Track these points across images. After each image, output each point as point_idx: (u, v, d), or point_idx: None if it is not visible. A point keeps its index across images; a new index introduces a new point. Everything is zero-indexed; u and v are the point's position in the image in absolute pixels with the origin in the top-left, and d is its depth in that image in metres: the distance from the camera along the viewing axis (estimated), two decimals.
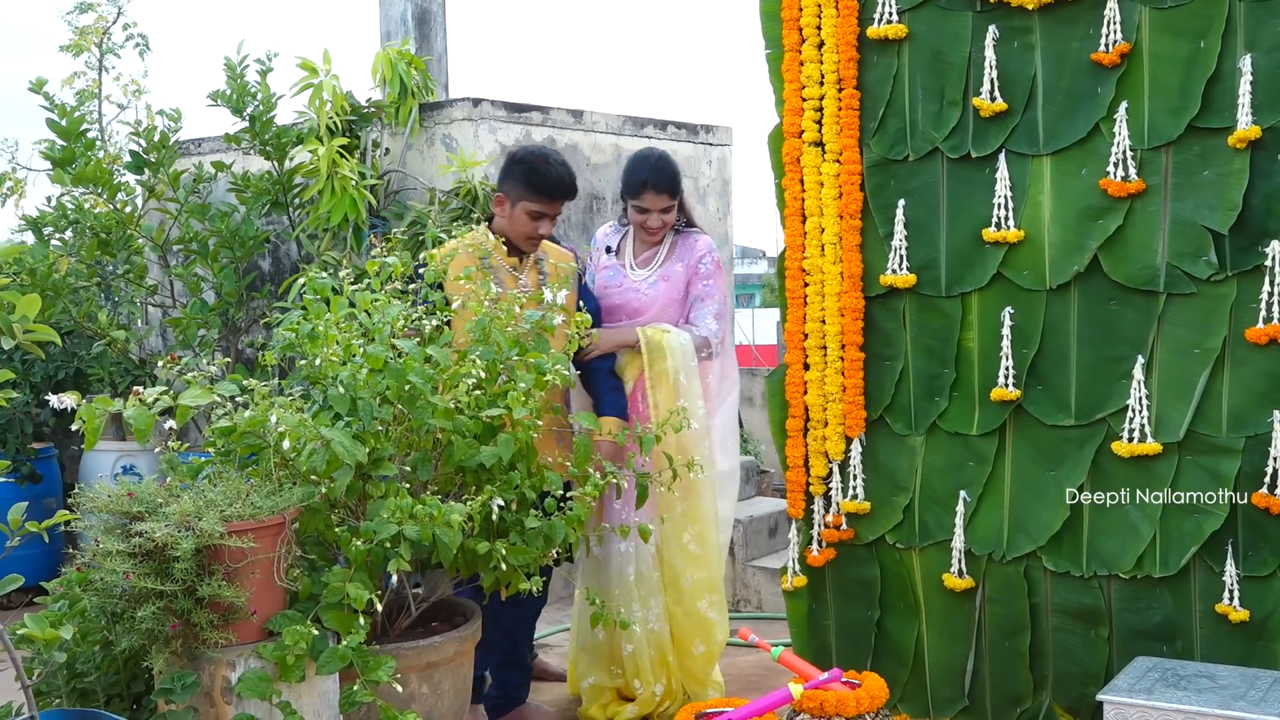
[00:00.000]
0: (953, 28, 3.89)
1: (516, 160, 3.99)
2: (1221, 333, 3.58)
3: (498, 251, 3.94)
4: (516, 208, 3.96)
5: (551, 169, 3.93)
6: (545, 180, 3.92)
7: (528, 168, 3.94)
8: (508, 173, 4.00)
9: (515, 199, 3.96)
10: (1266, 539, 3.55)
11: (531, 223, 3.96)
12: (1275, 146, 3.50)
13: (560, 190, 3.96)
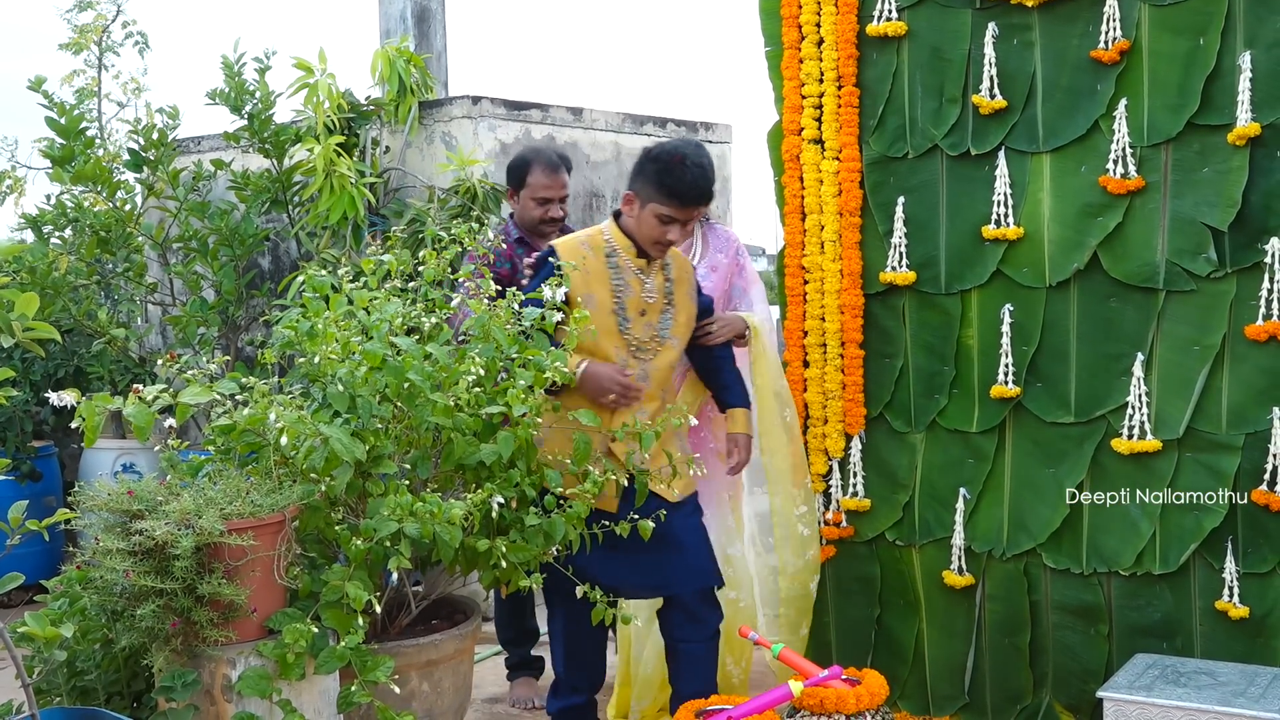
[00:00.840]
0: (952, 25, 3.89)
1: (651, 158, 3.63)
2: (1221, 330, 3.58)
3: (626, 252, 3.68)
4: (645, 209, 3.60)
5: (688, 171, 3.55)
6: (679, 183, 3.55)
7: (661, 167, 3.57)
8: (640, 170, 3.64)
9: (645, 200, 3.60)
10: (1266, 536, 3.55)
11: (660, 227, 3.59)
12: (1275, 143, 3.50)
13: (695, 196, 3.57)
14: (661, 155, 3.58)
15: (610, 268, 3.65)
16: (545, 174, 4.34)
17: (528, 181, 4.36)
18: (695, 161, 3.57)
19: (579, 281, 3.57)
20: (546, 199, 4.35)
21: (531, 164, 4.36)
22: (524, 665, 4.63)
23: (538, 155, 4.41)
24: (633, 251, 3.67)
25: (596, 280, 3.62)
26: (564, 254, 3.61)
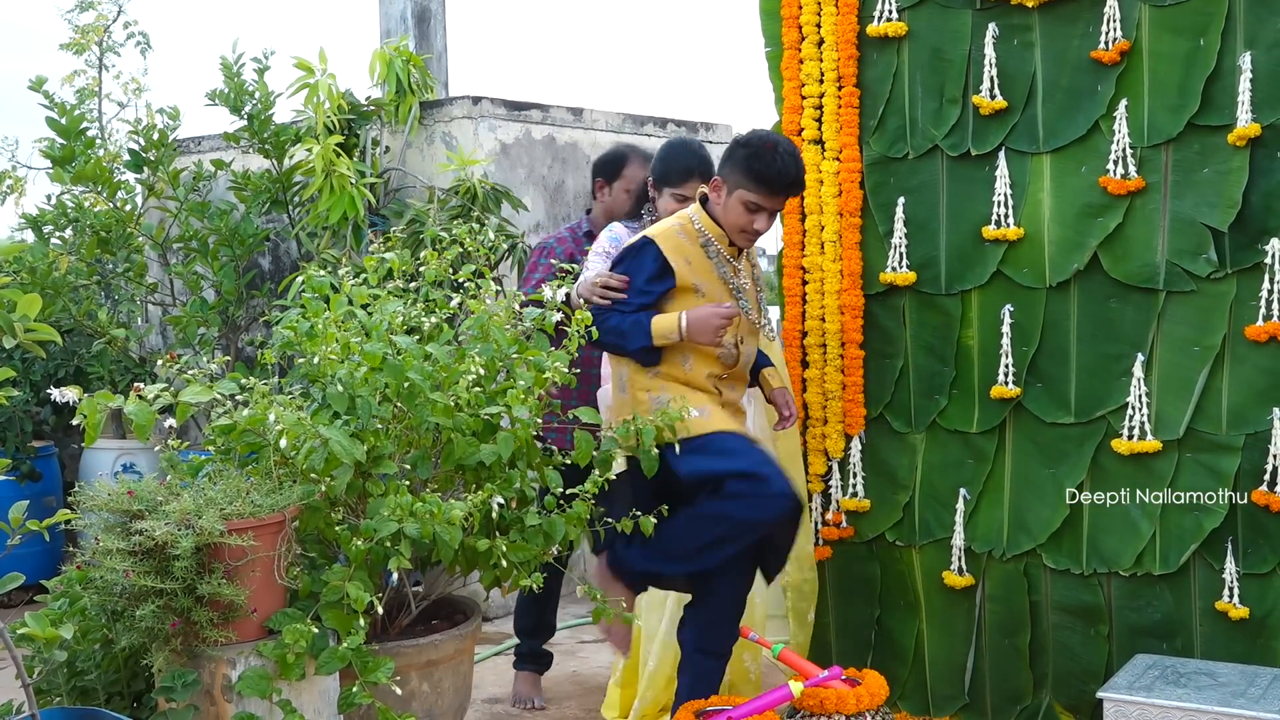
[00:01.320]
0: (952, 25, 3.89)
1: (740, 143, 3.60)
2: (1221, 330, 3.58)
3: (720, 241, 3.65)
4: (733, 196, 3.57)
5: (778, 158, 3.52)
6: (769, 170, 3.51)
7: (751, 153, 3.54)
8: (728, 155, 3.61)
9: (733, 186, 3.57)
10: (1266, 536, 3.55)
11: (747, 215, 3.57)
12: (1275, 144, 3.50)
13: (785, 184, 3.55)
14: (753, 140, 3.56)
15: (710, 256, 3.64)
16: (642, 167, 4.42)
17: (623, 173, 4.46)
18: (787, 149, 3.56)
19: (684, 271, 3.58)
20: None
21: (629, 157, 4.50)
22: (532, 658, 4.60)
23: (634, 150, 4.57)
24: (725, 240, 3.65)
25: (701, 269, 3.62)
26: (663, 243, 3.60)
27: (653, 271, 3.60)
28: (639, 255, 3.63)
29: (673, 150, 4.12)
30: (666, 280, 3.59)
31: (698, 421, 3.51)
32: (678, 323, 3.53)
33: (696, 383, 3.62)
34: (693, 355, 3.59)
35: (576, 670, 4.94)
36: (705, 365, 3.61)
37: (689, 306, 3.54)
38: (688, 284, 3.58)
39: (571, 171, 6.21)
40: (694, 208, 3.69)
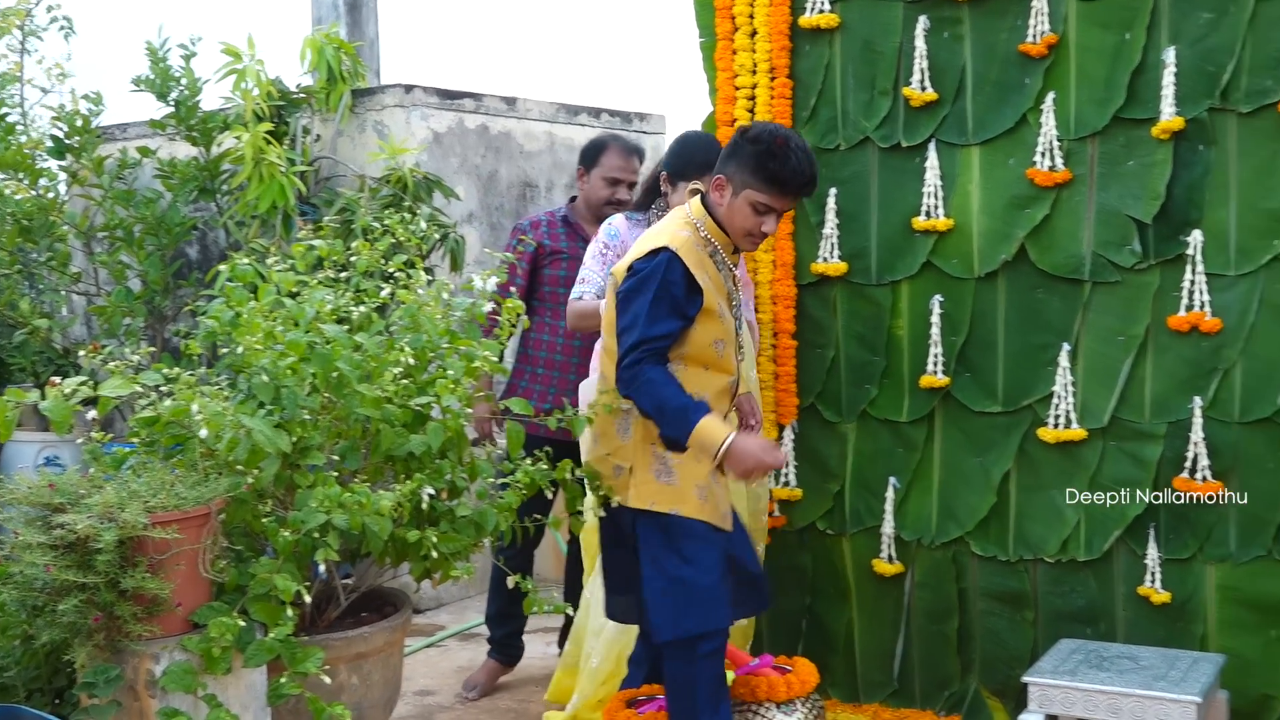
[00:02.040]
0: (883, 18, 3.92)
1: (749, 138, 3.22)
2: (1145, 320, 3.64)
3: (724, 248, 3.29)
4: (740, 197, 3.20)
5: (792, 155, 3.18)
6: (784, 169, 3.17)
7: (763, 150, 3.18)
8: (734, 151, 3.23)
9: (740, 186, 3.20)
10: (1187, 522, 3.62)
11: (755, 217, 3.20)
12: (1197, 138, 3.56)
13: (800, 184, 3.22)
14: (762, 135, 3.20)
15: (718, 267, 3.27)
16: (620, 156, 4.43)
17: (601, 161, 4.44)
18: (799, 144, 3.21)
19: (711, 290, 3.19)
20: (617, 180, 4.42)
21: (608, 145, 4.47)
22: (502, 646, 4.58)
23: (615, 138, 4.54)
24: (730, 247, 3.29)
25: (715, 285, 3.23)
26: (689, 259, 3.17)
27: (684, 293, 3.16)
28: (668, 274, 3.15)
29: (690, 143, 3.88)
30: (696, 301, 3.18)
31: (691, 501, 3.18)
32: (720, 444, 3.10)
33: None
34: (707, 394, 3.20)
35: None
36: (718, 403, 3.26)
37: (710, 331, 3.19)
38: (712, 306, 3.19)
39: (505, 161, 6.18)
40: (696, 210, 3.30)
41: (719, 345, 3.23)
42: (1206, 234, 3.55)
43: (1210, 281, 3.56)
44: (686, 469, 3.18)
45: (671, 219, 3.34)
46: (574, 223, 4.48)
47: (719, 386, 3.26)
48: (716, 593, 3.18)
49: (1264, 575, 3.55)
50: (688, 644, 3.17)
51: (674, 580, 3.17)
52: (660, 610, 3.19)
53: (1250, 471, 3.55)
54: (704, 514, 3.18)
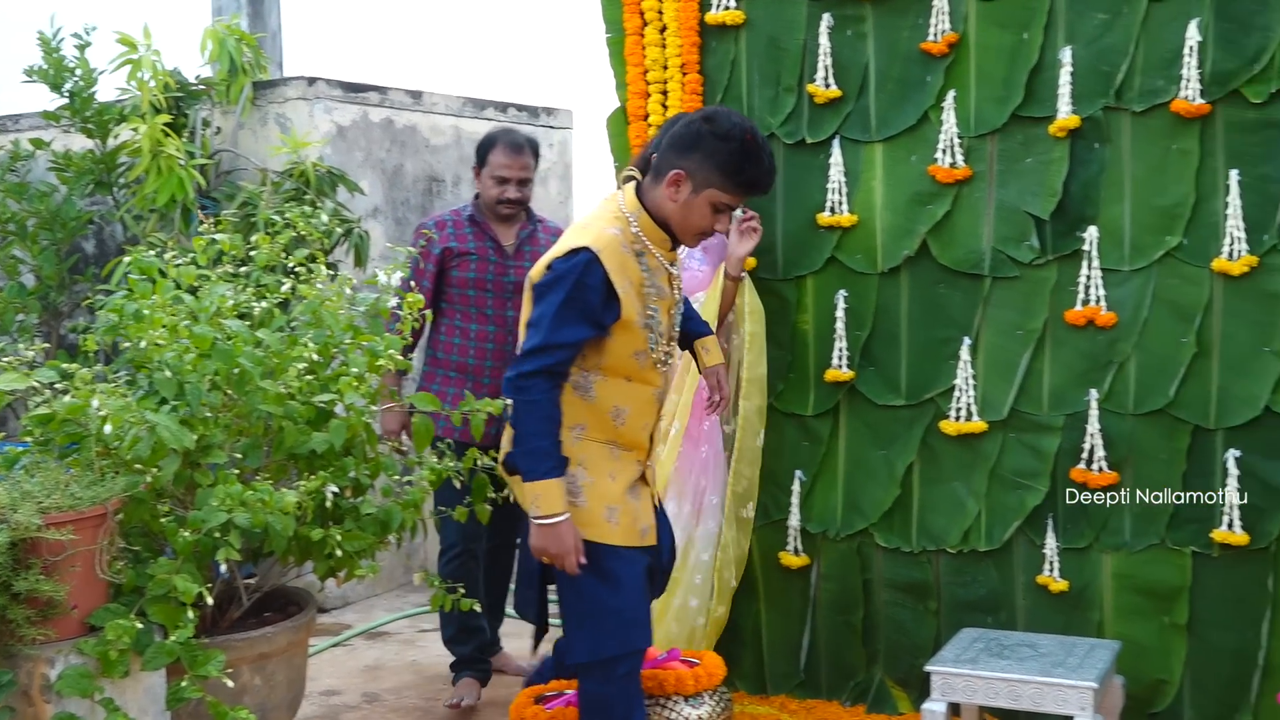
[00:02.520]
0: (788, 15, 3.95)
1: (717, 134, 2.96)
2: (1043, 315, 3.71)
3: (659, 246, 3.05)
4: (701, 195, 2.97)
5: (764, 156, 3.00)
6: (759, 172, 3.00)
7: (736, 149, 2.95)
8: (696, 144, 2.97)
9: (704, 183, 2.97)
10: (1084, 512, 3.70)
11: (713, 216, 3.01)
12: (1093, 136, 3.64)
13: (767, 185, 3.08)
14: (733, 132, 2.95)
15: (642, 269, 3.02)
16: (506, 154, 4.27)
17: (489, 160, 4.30)
18: (765, 141, 3.04)
19: (631, 298, 2.97)
20: (504, 179, 4.27)
21: (495, 143, 4.31)
22: (467, 664, 4.33)
23: (503, 134, 4.36)
24: (667, 245, 3.07)
25: (636, 291, 3.01)
26: (611, 263, 2.94)
27: (600, 301, 2.92)
28: (585, 277, 2.92)
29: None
30: (613, 310, 2.94)
31: (599, 525, 3.00)
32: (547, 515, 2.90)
33: (628, 439, 3.08)
34: (629, 408, 3.04)
35: (417, 660, 4.89)
36: (642, 416, 3.09)
37: (628, 343, 2.98)
38: (631, 316, 2.97)
39: (410, 155, 6.12)
40: (630, 203, 3.05)
41: (640, 357, 3.03)
42: (1102, 230, 3.63)
43: (1105, 277, 3.64)
44: (596, 489, 3.01)
45: (601, 211, 3.10)
46: (481, 221, 4.32)
47: (643, 398, 3.07)
48: (634, 614, 3.05)
49: (1157, 563, 3.64)
50: (604, 665, 3.05)
51: (590, 602, 3.02)
52: (576, 632, 3.05)
53: (1143, 462, 3.64)
54: (614, 537, 3.01)
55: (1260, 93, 3.46)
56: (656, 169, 3.03)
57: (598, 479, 3.01)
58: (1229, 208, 3.50)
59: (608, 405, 3.02)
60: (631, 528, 3.05)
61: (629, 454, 3.09)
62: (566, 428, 2.99)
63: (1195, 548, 3.60)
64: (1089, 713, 3.15)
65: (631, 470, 3.09)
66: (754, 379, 3.93)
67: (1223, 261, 3.51)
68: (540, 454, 2.91)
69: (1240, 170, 3.49)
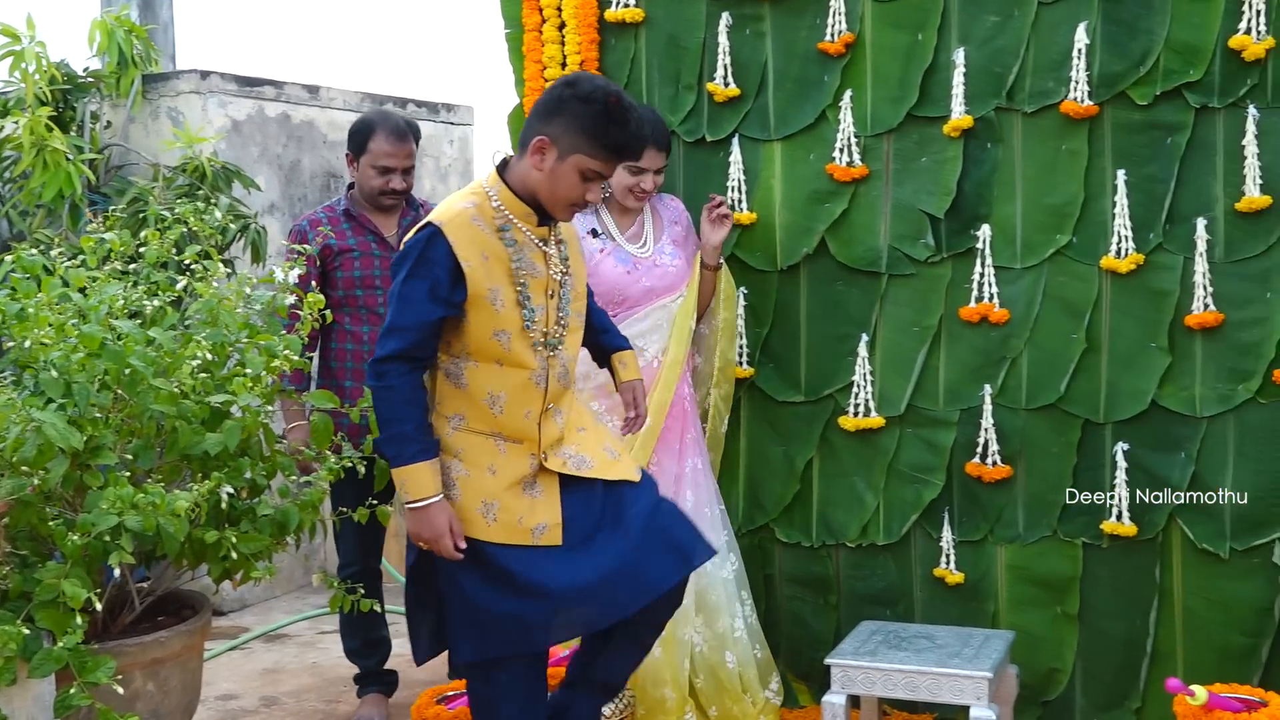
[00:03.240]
0: (687, 13, 3.96)
1: (580, 97, 2.83)
2: (938, 311, 3.77)
3: (525, 221, 2.92)
4: (567, 162, 2.84)
5: (632, 119, 2.86)
6: (626, 135, 2.86)
7: (601, 111, 2.82)
8: (559, 108, 2.84)
9: (569, 149, 2.84)
10: (979, 505, 3.77)
11: (582, 185, 2.87)
12: (986, 135, 3.71)
13: (639, 148, 2.98)
14: (594, 93, 2.82)
15: (507, 245, 2.89)
16: (389, 141, 3.94)
17: (369, 148, 3.95)
18: (633, 102, 2.89)
19: (481, 275, 2.84)
20: (388, 168, 3.95)
21: (375, 129, 3.95)
22: (373, 678, 4.15)
23: (384, 120, 3.99)
24: (533, 220, 2.92)
25: (498, 266, 2.87)
26: (456, 237, 2.83)
27: (447, 277, 2.82)
28: (428, 252, 2.83)
29: None
30: (459, 289, 2.83)
31: (475, 521, 2.88)
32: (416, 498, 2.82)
33: (512, 428, 2.92)
34: (504, 393, 2.89)
35: (317, 662, 4.83)
36: (521, 403, 2.92)
37: (485, 323, 2.86)
38: (481, 292, 2.84)
39: (308, 151, 6.04)
40: (490, 177, 2.95)
41: (501, 337, 2.87)
42: (995, 229, 3.71)
43: (998, 274, 3.71)
44: (471, 483, 2.89)
45: (461, 190, 3.02)
46: (356, 215, 4.01)
47: (516, 383, 2.91)
48: (521, 616, 2.88)
49: (1049, 554, 3.72)
50: (485, 667, 2.94)
51: (470, 600, 2.90)
52: (460, 630, 2.93)
53: (1035, 455, 3.72)
54: (489, 534, 2.87)
55: (1145, 95, 3.55)
56: (522, 141, 2.92)
57: (474, 472, 2.89)
58: (1116, 207, 3.59)
59: (481, 392, 2.89)
60: (514, 525, 2.88)
61: (517, 446, 2.92)
62: (444, 417, 2.92)
63: (1086, 539, 3.69)
64: (984, 702, 3.21)
65: (520, 465, 2.91)
66: (725, 365, 3.90)
67: (1111, 259, 3.59)
68: (404, 438, 2.83)
69: (1127, 170, 3.58)
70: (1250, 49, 3.43)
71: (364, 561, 4.07)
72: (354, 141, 4.00)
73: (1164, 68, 3.53)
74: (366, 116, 4.04)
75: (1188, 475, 3.58)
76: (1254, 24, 3.44)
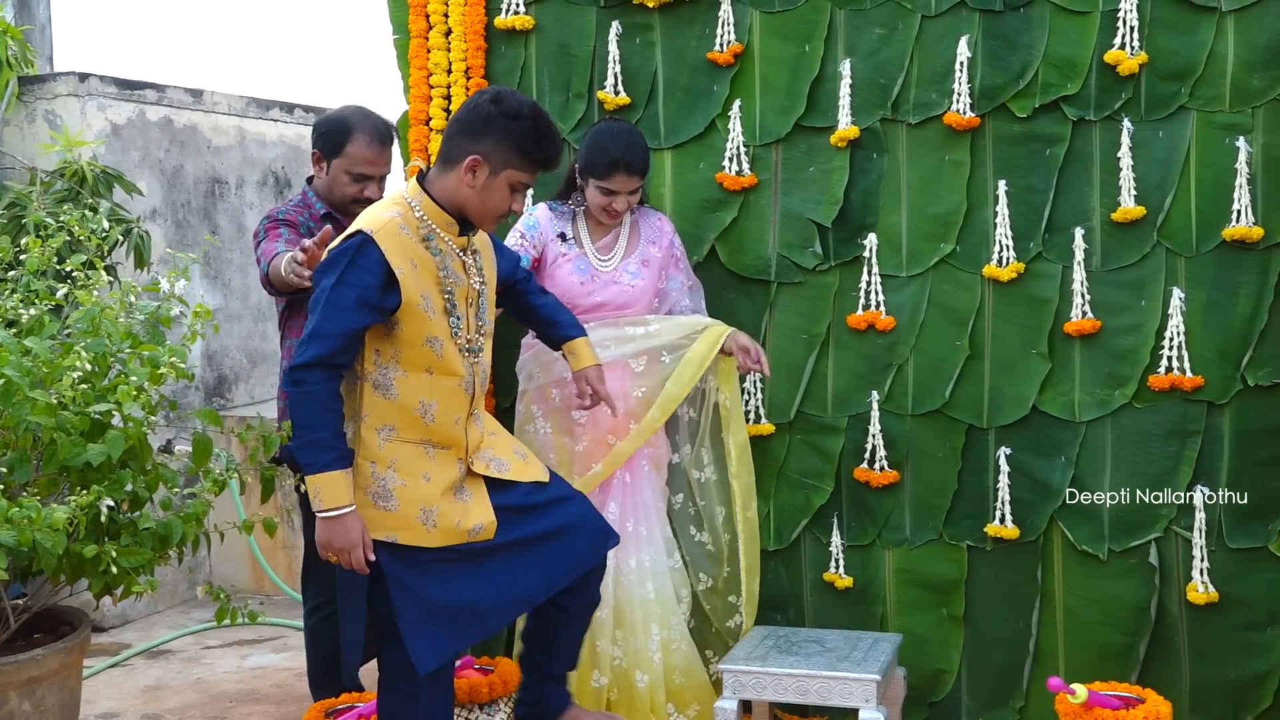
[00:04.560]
0: (577, 22, 3.97)
1: (508, 114, 2.94)
2: (826, 319, 3.82)
3: (446, 230, 2.99)
4: (500, 177, 2.95)
5: (554, 131, 3.02)
6: (553, 148, 3.01)
7: (530, 128, 2.95)
8: (487, 126, 2.94)
9: (500, 165, 2.94)
10: (867, 510, 3.83)
11: (511, 196, 2.99)
12: (872, 146, 3.77)
13: (559, 160, 3.12)
14: (521, 110, 2.95)
15: (433, 254, 2.96)
16: (370, 146, 3.64)
17: (345, 150, 3.63)
18: (549, 116, 3.06)
19: (412, 282, 2.90)
20: (366, 175, 3.66)
21: (354, 130, 3.63)
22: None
23: (363, 120, 3.67)
24: (454, 229, 3.01)
25: (425, 274, 2.94)
26: (387, 244, 2.88)
27: (378, 284, 2.86)
28: (358, 258, 2.87)
29: (595, 139, 3.68)
30: (391, 296, 2.88)
31: (413, 528, 2.95)
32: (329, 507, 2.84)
33: (442, 435, 3.01)
34: (435, 401, 2.97)
35: (202, 678, 4.73)
36: (451, 410, 3.01)
37: (418, 329, 2.92)
38: (414, 299, 2.90)
39: (191, 156, 5.92)
40: (412, 190, 3.02)
41: (433, 344, 2.95)
42: (881, 237, 3.77)
43: (885, 282, 3.77)
44: (409, 492, 2.94)
45: (382, 200, 3.10)
46: (339, 218, 3.66)
47: (447, 390, 2.99)
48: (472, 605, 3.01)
49: (935, 558, 3.79)
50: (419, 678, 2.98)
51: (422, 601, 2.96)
52: (419, 633, 2.95)
53: (921, 460, 3.79)
54: (429, 539, 2.95)
55: (1025, 107, 3.64)
56: (446, 156, 2.99)
57: (410, 481, 2.95)
58: (998, 217, 3.67)
59: (413, 401, 2.95)
60: (452, 529, 2.98)
61: (446, 452, 3.01)
62: (374, 429, 2.94)
63: (970, 542, 3.76)
64: (873, 704, 3.25)
65: (450, 470, 3.01)
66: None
67: (993, 268, 3.68)
68: (319, 445, 2.84)
69: (1007, 181, 3.67)
70: (1124, 64, 3.54)
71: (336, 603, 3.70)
72: (326, 141, 3.68)
73: (1042, 81, 3.63)
74: (343, 114, 3.72)
75: (1068, 478, 3.67)
76: (1128, 40, 3.55)
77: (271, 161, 6.30)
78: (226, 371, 6.11)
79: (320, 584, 3.75)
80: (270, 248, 3.49)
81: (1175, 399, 3.58)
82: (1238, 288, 3.54)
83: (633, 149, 3.64)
